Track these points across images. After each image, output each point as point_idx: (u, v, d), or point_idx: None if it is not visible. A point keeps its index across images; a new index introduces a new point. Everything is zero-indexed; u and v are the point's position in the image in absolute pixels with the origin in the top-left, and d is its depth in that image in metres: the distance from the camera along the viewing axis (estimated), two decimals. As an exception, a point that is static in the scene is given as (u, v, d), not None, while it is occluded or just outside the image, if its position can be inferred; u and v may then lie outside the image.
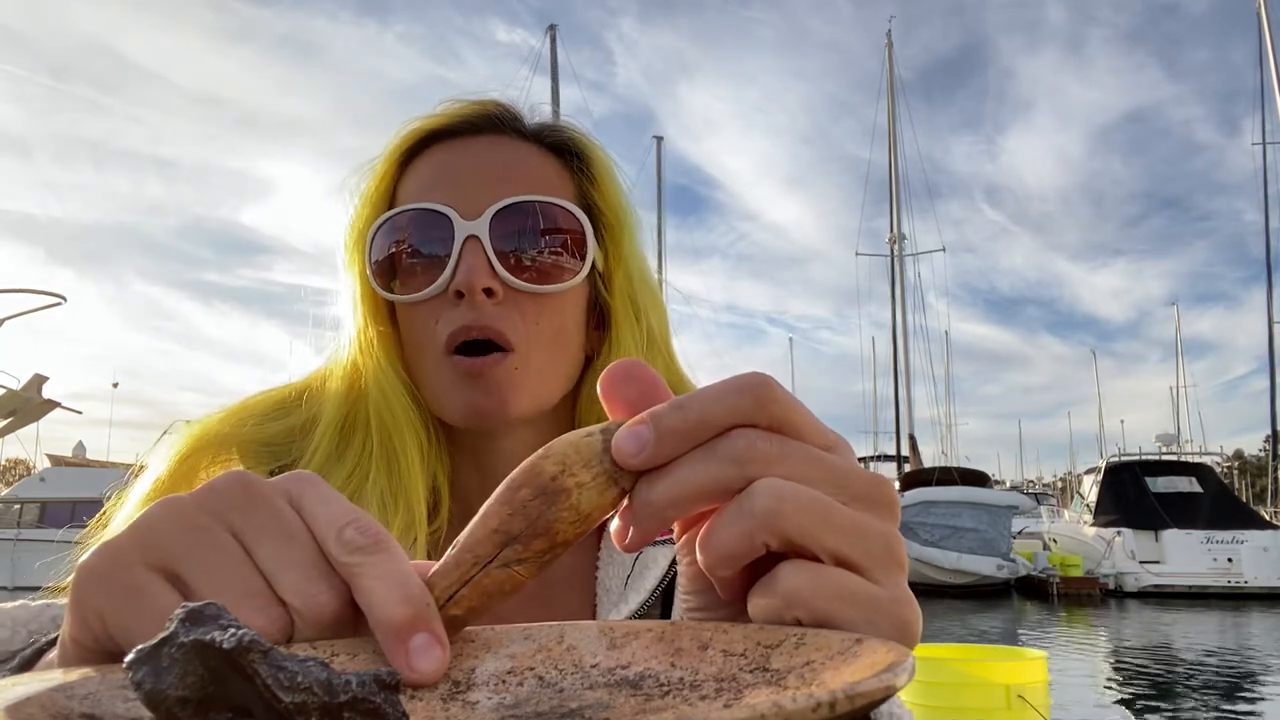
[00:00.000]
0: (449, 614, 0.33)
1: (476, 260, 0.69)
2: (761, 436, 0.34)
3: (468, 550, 0.34)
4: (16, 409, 13.85)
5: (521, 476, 0.35)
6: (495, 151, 0.75)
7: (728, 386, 0.34)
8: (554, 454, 0.35)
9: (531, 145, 0.77)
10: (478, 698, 0.34)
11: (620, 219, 0.77)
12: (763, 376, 0.35)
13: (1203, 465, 26.23)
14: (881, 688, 0.24)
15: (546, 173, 0.76)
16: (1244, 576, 20.60)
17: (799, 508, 0.32)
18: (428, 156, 0.76)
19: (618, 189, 0.78)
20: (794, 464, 0.34)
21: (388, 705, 0.26)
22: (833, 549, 0.33)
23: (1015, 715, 5.36)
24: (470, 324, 0.69)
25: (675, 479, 0.34)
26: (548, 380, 0.73)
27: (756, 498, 0.33)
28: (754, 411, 0.34)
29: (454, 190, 0.72)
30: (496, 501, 0.35)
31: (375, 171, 0.77)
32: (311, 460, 0.73)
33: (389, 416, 0.73)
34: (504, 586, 0.34)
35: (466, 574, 0.34)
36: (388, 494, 0.72)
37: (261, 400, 0.78)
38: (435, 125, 0.76)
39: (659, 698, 0.32)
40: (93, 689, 0.29)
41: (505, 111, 0.78)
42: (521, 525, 0.34)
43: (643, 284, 0.78)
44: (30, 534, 15.25)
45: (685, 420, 0.34)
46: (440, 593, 0.34)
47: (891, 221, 36.59)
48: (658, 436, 0.33)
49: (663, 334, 0.80)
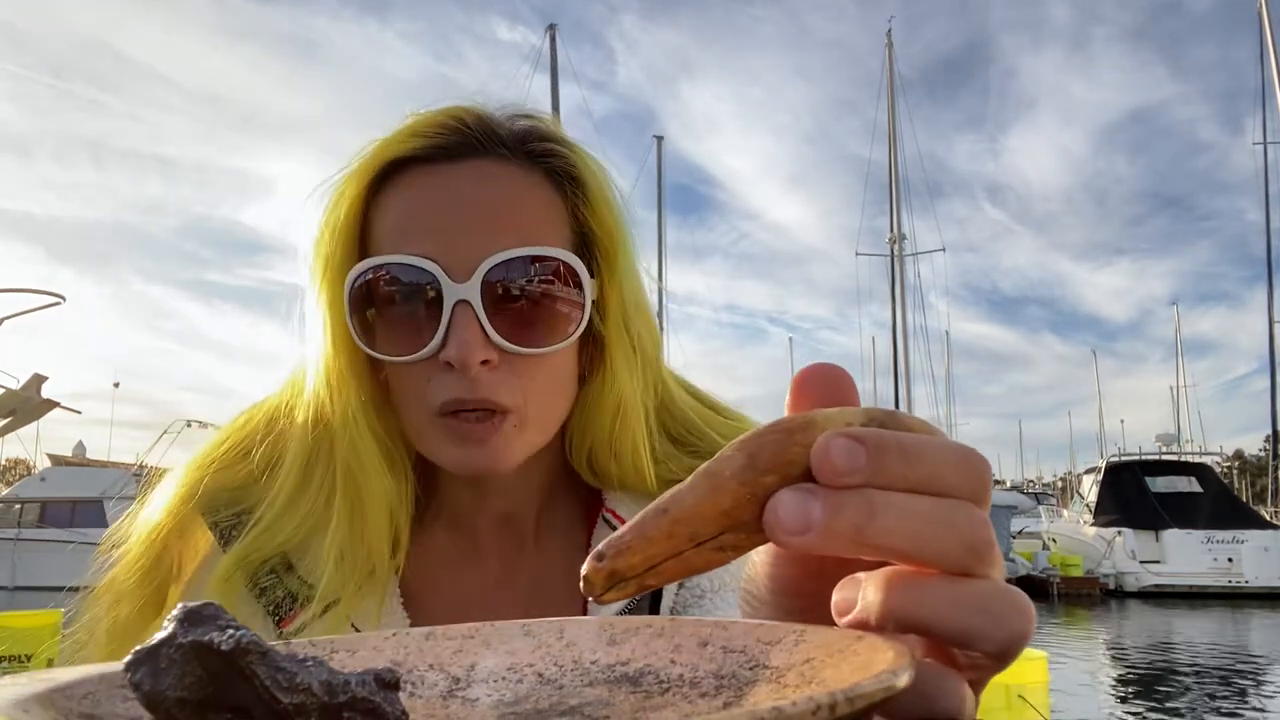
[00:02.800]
0: (645, 582, 0.30)
1: (469, 332, 0.66)
2: (994, 536, 0.30)
3: (685, 524, 0.30)
4: (16, 409, 13.86)
5: (771, 461, 0.30)
6: (479, 186, 0.70)
7: (958, 457, 0.30)
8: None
9: (518, 170, 0.71)
10: (477, 694, 0.34)
11: (615, 241, 0.73)
12: (986, 461, 0.31)
13: (1203, 465, 26.25)
14: (881, 689, 0.24)
15: (536, 206, 0.71)
16: (1244, 576, 20.61)
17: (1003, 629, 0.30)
18: (403, 185, 0.71)
19: (613, 210, 0.74)
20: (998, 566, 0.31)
21: (387, 704, 0.26)
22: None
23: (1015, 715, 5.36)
24: (465, 396, 0.67)
25: (905, 533, 0.29)
26: (544, 429, 0.72)
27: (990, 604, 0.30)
28: (979, 496, 0.31)
29: (438, 240, 0.67)
30: (735, 480, 0.30)
31: (342, 194, 0.71)
32: (274, 503, 0.72)
33: (357, 468, 0.70)
34: (707, 565, 0.31)
35: (678, 548, 0.30)
36: (347, 546, 0.70)
37: (234, 433, 0.78)
38: (404, 151, 0.71)
39: (658, 695, 0.32)
40: (92, 689, 0.28)
41: (481, 125, 0.72)
42: (754, 514, 0.30)
43: (636, 308, 0.75)
44: (30, 534, 15.23)
45: (906, 472, 0.29)
46: (642, 560, 0.30)
47: (891, 221, 36.58)
48: (872, 470, 0.29)
49: (654, 352, 0.79)
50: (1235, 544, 21.37)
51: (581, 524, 0.80)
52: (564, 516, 0.80)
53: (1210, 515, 22.70)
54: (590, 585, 0.30)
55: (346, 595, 0.69)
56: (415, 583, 0.75)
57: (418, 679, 0.35)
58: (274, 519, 0.71)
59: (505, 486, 0.77)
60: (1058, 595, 21.33)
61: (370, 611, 0.70)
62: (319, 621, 0.69)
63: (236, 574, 0.70)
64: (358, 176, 0.71)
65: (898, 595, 0.30)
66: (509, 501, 0.78)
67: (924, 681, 0.29)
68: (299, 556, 0.72)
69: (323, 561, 0.70)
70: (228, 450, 0.77)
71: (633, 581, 0.30)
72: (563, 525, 0.80)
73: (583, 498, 0.81)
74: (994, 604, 0.29)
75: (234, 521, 0.73)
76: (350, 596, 0.70)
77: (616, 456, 0.76)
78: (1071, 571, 22.53)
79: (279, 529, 0.71)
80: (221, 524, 0.73)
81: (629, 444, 0.75)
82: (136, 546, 0.75)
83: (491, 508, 0.78)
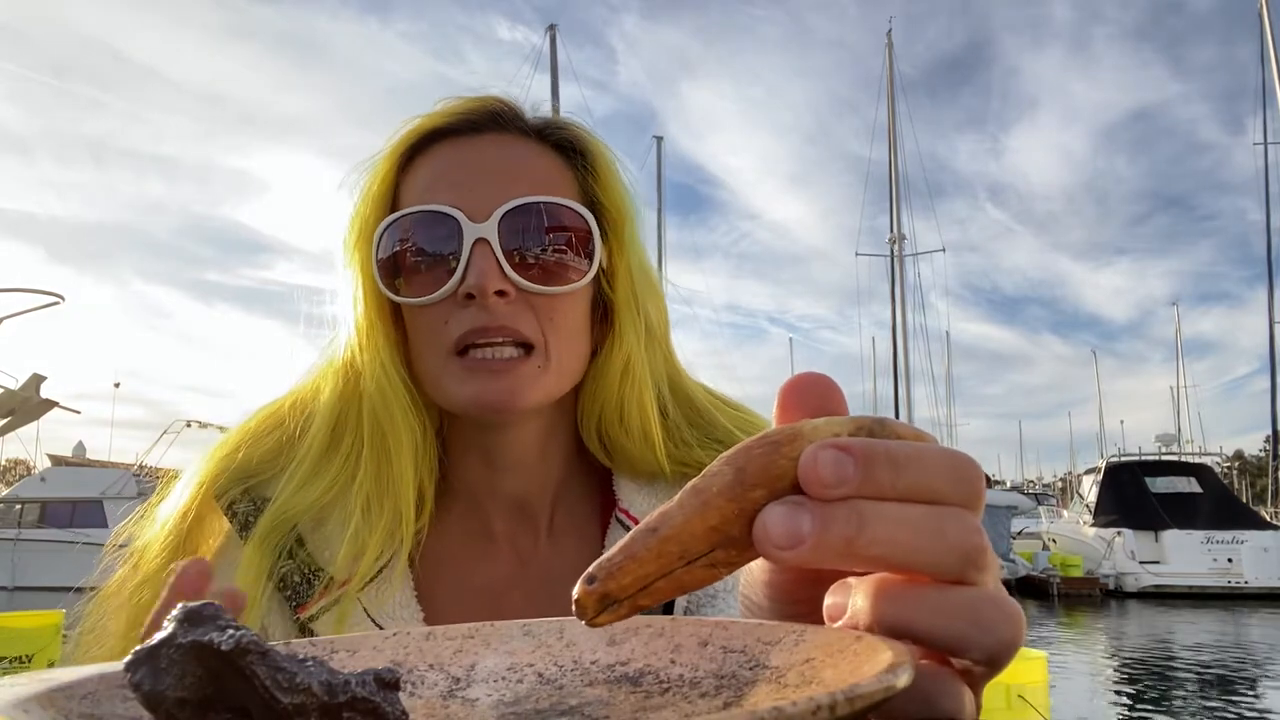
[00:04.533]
0: (638, 603, 0.30)
1: (487, 263, 0.69)
2: (988, 542, 0.30)
3: (675, 543, 0.29)
4: (15, 408, 13.85)
5: (758, 475, 0.29)
6: (499, 150, 0.75)
7: (948, 464, 0.30)
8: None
9: (534, 143, 0.77)
10: (477, 694, 0.34)
11: (623, 214, 0.77)
12: (977, 466, 0.31)
13: (1203, 465, 26.25)
14: (881, 689, 0.24)
15: (550, 170, 0.76)
16: (1244, 577, 20.61)
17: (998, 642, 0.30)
18: (430, 155, 0.76)
19: (620, 184, 0.78)
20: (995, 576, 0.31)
21: (387, 704, 0.26)
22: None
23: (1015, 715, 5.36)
24: (485, 325, 0.70)
25: (896, 544, 0.29)
26: (564, 376, 0.75)
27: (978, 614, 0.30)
28: (971, 502, 0.30)
29: (460, 191, 0.72)
30: (722, 497, 0.29)
31: (377, 169, 0.77)
32: (301, 465, 0.74)
33: (384, 414, 0.73)
34: (699, 582, 0.30)
35: (669, 567, 0.30)
36: (374, 497, 0.72)
37: (259, 418, 0.80)
38: (437, 124, 0.76)
39: (658, 695, 0.32)
40: (92, 689, 0.29)
41: (507, 108, 0.78)
42: (743, 530, 0.29)
43: (643, 278, 0.79)
44: (31, 534, 15.21)
45: (895, 481, 0.29)
46: (633, 581, 0.29)
47: (891, 222, 36.56)
48: (861, 481, 0.29)
49: (662, 326, 0.82)
50: (1235, 544, 21.37)
51: (596, 522, 0.81)
52: (579, 514, 0.81)
53: (1210, 516, 22.70)
54: (582, 609, 0.30)
55: (371, 547, 0.71)
56: (428, 570, 0.76)
57: (418, 679, 0.35)
58: (304, 478, 0.73)
59: (521, 464, 0.78)
60: (1058, 595, 21.32)
61: (384, 600, 0.72)
62: (332, 611, 0.70)
63: (265, 545, 0.71)
64: (390, 152, 0.77)
65: (886, 602, 0.30)
66: (524, 482, 0.79)
67: (924, 682, 0.29)
68: (313, 530, 0.73)
69: (349, 516, 0.72)
70: (253, 430, 0.79)
71: (625, 603, 0.30)
72: (578, 522, 0.81)
73: (597, 493, 0.82)
74: (982, 612, 0.29)
75: (254, 509, 0.74)
76: (367, 563, 0.71)
77: (625, 424, 0.78)
78: (1071, 572, 22.53)
79: (309, 490, 0.73)
80: (240, 510, 0.74)
81: (636, 410, 0.77)
82: (159, 534, 0.76)
83: (507, 489, 0.79)
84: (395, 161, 0.76)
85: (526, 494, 0.79)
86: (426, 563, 0.76)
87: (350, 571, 0.71)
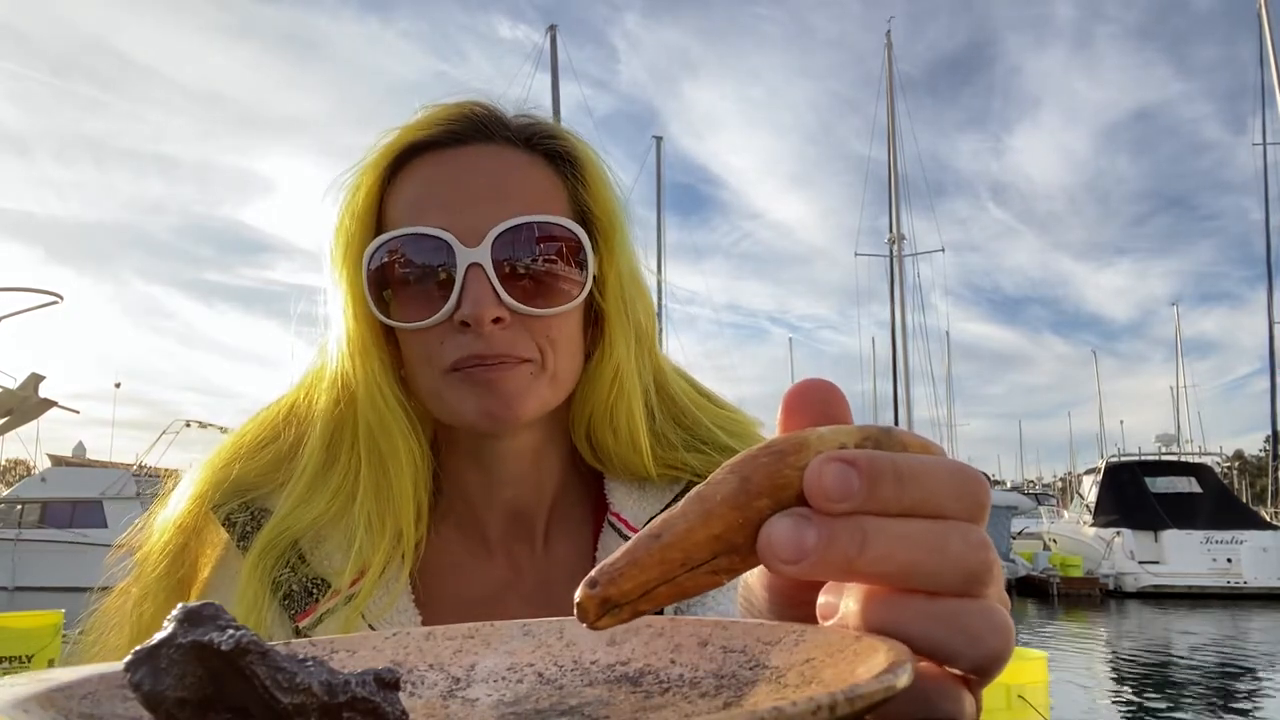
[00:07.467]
0: (639, 608, 0.30)
1: (482, 291, 0.69)
2: (994, 555, 0.30)
3: (678, 550, 0.30)
4: (13, 408, 13.84)
5: (763, 485, 0.29)
6: (486, 164, 0.74)
7: (954, 478, 0.30)
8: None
9: (522, 153, 0.76)
10: (477, 694, 0.34)
11: (613, 222, 0.77)
12: (983, 481, 0.31)
13: (1203, 465, 26.26)
14: (881, 689, 0.24)
15: (540, 183, 0.75)
16: (1244, 577, 20.62)
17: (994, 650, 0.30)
18: (415, 169, 0.75)
19: (610, 191, 0.78)
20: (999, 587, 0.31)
21: (387, 704, 0.26)
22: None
23: (1015, 715, 5.37)
24: (483, 353, 0.69)
25: (897, 561, 0.29)
26: (561, 385, 0.75)
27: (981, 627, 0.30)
28: (976, 516, 0.30)
29: (450, 212, 0.71)
30: (726, 505, 0.29)
31: (360, 183, 0.75)
32: (299, 481, 0.74)
33: (383, 437, 0.73)
34: (701, 588, 0.30)
35: (671, 573, 0.30)
36: (374, 515, 0.72)
37: (254, 428, 0.79)
38: (419, 137, 0.75)
39: (658, 695, 0.32)
40: (92, 689, 0.28)
41: (489, 115, 0.77)
42: (747, 538, 0.29)
43: (633, 284, 0.79)
44: (31, 534, 15.20)
45: (900, 496, 0.29)
46: (635, 586, 0.30)
47: (891, 222, 36.53)
48: (865, 496, 0.28)
49: (649, 328, 0.82)
50: (1234, 544, 21.38)
51: (589, 526, 0.81)
52: (573, 519, 0.82)
53: (1210, 516, 22.71)
54: (584, 612, 0.30)
55: (375, 564, 0.71)
56: (425, 580, 0.76)
57: (418, 679, 0.35)
58: (303, 494, 0.73)
59: (518, 473, 0.78)
60: (1058, 595, 21.34)
61: (383, 609, 0.72)
62: (334, 616, 0.70)
63: (264, 560, 0.71)
64: (373, 165, 0.75)
65: (875, 609, 0.30)
66: (520, 492, 0.79)
67: (924, 682, 0.29)
68: (315, 546, 0.73)
69: (353, 530, 0.72)
70: (249, 443, 0.79)
71: (626, 608, 0.30)
72: (571, 527, 0.81)
73: (590, 499, 0.82)
74: (971, 623, 0.29)
75: (251, 520, 0.74)
76: (371, 580, 0.71)
77: (614, 428, 0.78)
78: (1071, 572, 22.55)
79: (309, 507, 0.73)
80: (238, 520, 0.74)
81: (625, 415, 0.77)
82: (158, 546, 0.76)
83: (503, 499, 0.79)
84: (379, 175, 0.75)
85: (523, 502, 0.79)
86: (423, 572, 0.76)
87: (354, 587, 0.71)
